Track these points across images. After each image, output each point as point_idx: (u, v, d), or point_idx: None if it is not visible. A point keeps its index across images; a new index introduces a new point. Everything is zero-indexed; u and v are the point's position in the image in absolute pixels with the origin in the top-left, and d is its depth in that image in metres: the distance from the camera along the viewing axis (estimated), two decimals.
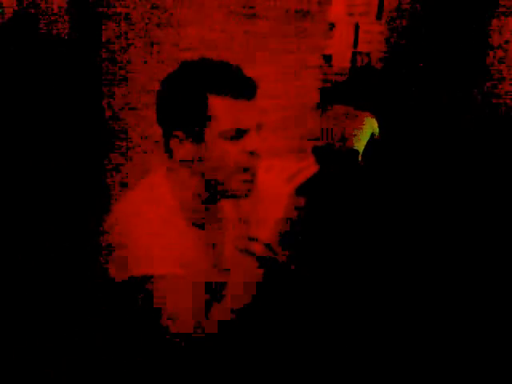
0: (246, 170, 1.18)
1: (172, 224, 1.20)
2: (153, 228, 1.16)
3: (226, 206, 1.36)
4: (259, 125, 1.20)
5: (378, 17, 3.98)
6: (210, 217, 1.30)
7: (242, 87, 1.17)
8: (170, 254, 1.15)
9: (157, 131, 1.27)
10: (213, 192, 1.23)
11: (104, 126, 2.31)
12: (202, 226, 1.28)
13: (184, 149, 1.19)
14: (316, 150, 3.07)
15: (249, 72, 1.62)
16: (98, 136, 2.30)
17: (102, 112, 2.29)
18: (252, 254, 1.17)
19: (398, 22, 3.97)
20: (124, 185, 2.14)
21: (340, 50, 4.27)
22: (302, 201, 1.28)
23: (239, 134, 1.16)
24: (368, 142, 3.20)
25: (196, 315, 1.15)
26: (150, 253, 1.13)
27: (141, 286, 1.13)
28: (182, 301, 1.15)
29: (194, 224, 1.25)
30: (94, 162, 2.29)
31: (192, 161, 1.20)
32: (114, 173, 2.16)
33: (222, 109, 1.16)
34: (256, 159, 1.19)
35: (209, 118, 1.16)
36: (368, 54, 4.17)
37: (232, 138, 1.16)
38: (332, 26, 4.20)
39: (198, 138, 1.18)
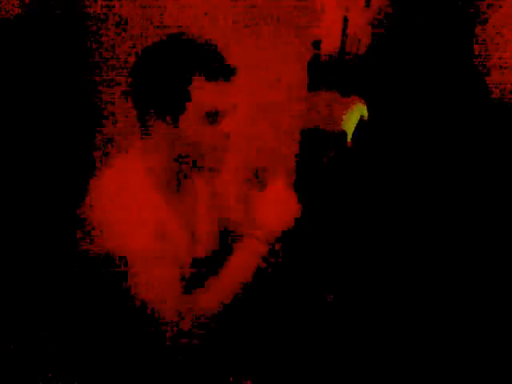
0: (219, 149, 1.23)
1: (146, 199, 1.24)
2: (127, 203, 1.19)
3: (199, 181, 1.40)
4: (235, 106, 1.22)
5: (367, 4, 3.97)
6: (184, 191, 1.34)
7: (220, 69, 1.20)
8: (145, 227, 1.19)
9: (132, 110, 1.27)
10: (186, 167, 1.26)
11: (90, 111, 2.31)
12: (176, 200, 1.31)
13: (159, 128, 1.22)
14: (305, 133, 3.08)
15: (236, 58, 1.63)
16: (84, 119, 2.31)
17: (89, 98, 2.30)
18: (252, 236, 1.22)
19: (387, 8, 3.96)
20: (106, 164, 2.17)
21: (329, 36, 4.26)
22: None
23: (216, 115, 1.18)
24: (357, 125, 3.21)
25: (173, 290, 1.18)
26: (125, 227, 1.17)
27: (117, 260, 1.15)
28: (157, 275, 1.17)
29: (168, 198, 1.28)
30: (80, 145, 2.30)
31: (167, 140, 1.23)
32: (98, 153, 2.17)
33: (199, 90, 1.17)
34: (228, 139, 1.23)
35: (185, 99, 1.17)
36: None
37: (208, 120, 1.17)
38: (321, 12, 4.18)
39: (174, 119, 1.19)
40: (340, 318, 1.53)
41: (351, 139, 3.18)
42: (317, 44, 4.28)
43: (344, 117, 3.23)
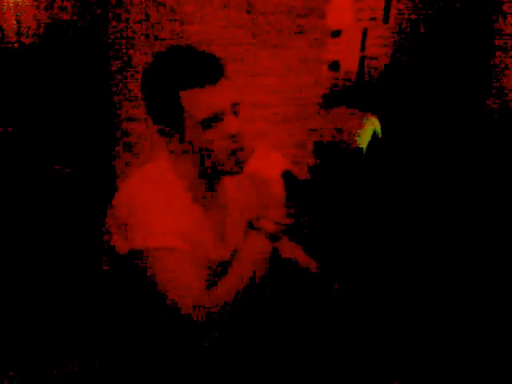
0: (233, 152, 1.22)
1: (176, 201, 1.24)
2: (156, 203, 1.20)
3: (230, 185, 1.39)
4: (235, 104, 1.22)
5: (385, 21, 4.02)
6: (213, 195, 1.34)
7: (206, 73, 1.19)
8: (172, 228, 1.19)
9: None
10: (210, 172, 1.27)
11: (110, 120, 2.39)
12: (205, 204, 1.31)
13: (173, 142, 1.25)
14: (320, 147, 3.11)
15: (250, 67, 1.62)
16: (105, 127, 2.38)
17: (109, 107, 2.37)
18: (262, 230, 1.23)
19: (405, 25, 4.01)
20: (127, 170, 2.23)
21: (348, 55, 4.32)
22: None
23: (215, 118, 1.19)
24: (370, 141, 3.24)
25: (197, 289, 1.17)
26: (153, 226, 1.18)
27: (143, 257, 1.18)
28: (183, 274, 1.18)
29: (197, 201, 1.29)
30: (101, 152, 2.38)
31: (187, 147, 1.26)
32: (118, 159, 2.24)
33: (191, 100, 1.19)
34: (241, 141, 1.22)
35: (183, 112, 1.20)
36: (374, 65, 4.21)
37: (210, 125, 1.19)
38: (339, 32, 4.26)
39: (182, 131, 1.22)
40: (346, 313, 1.54)
41: (365, 154, 3.20)
42: (335, 64, 4.33)
43: (359, 132, 3.26)
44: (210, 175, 1.29)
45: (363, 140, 3.17)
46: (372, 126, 3.23)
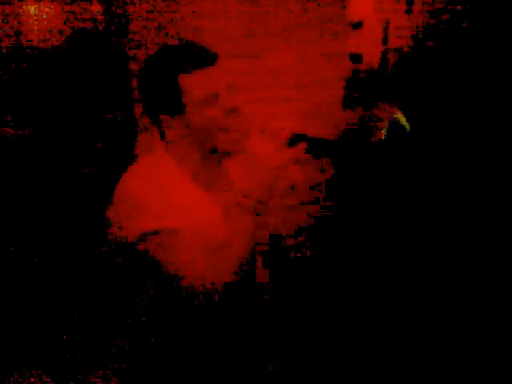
0: (229, 130, 1.29)
1: (178, 185, 1.31)
2: (159, 189, 1.26)
3: (232, 165, 1.45)
4: (229, 85, 1.30)
5: (408, 11, 3.91)
6: (215, 176, 1.40)
7: (202, 58, 1.29)
8: (177, 210, 1.25)
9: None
10: (209, 153, 1.35)
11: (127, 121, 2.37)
12: (209, 187, 1.37)
13: (171, 130, 1.32)
14: (344, 142, 3.05)
15: (268, 61, 1.59)
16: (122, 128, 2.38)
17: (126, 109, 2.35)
18: (244, 208, 1.28)
19: (429, 15, 3.90)
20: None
21: (369, 47, 4.21)
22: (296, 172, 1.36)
23: (213, 97, 1.28)
24: (397, 136, 3.14)
25: (201, 267, 1.23)
26: (157, 210, 1.24)
27: (150, 240, 1.22)
28: (190, 254, 1.24)
29: (200, 185, 1.35)
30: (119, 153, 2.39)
31: (184, 132, 1.31)
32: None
33: (191, 82, 1.28)
34: (239, 118, 1.30)
35: (182, 94, 1.28)
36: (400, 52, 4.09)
37: (208, 103, 1.28)
38: (359, 24, 4.15)
39: (182, 113, 1.30)
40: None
41: (391, 149, 3.11)
42: (357, 56, 4.23)
43: (384, 127, 3.17)
44: (211, 159, 1.36)
45: (388, 136, 3.09)
46: (398, 120, 3.14)
